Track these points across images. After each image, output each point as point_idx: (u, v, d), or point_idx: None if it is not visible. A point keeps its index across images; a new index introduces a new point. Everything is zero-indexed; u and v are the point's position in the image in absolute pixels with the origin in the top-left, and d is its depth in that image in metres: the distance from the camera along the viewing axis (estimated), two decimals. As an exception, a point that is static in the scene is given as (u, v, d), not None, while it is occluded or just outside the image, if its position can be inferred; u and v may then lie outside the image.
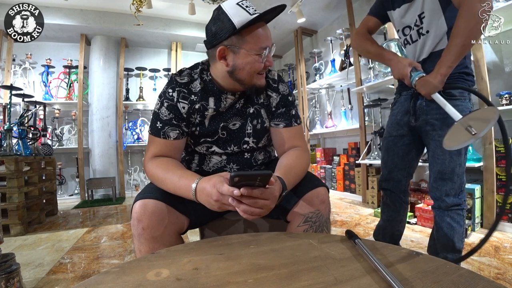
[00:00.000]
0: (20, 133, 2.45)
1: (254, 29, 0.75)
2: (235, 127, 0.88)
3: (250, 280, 0.45)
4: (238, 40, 0.75)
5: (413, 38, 1.10)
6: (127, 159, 4.08)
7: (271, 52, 0.79)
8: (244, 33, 0.74)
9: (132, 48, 4.22)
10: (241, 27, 0.72)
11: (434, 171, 1.07)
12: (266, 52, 0.77)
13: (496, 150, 1.86)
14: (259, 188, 0.61)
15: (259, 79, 0.82)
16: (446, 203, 1.05)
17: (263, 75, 0.83)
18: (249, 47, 0.75)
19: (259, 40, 0.76)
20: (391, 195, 1.24)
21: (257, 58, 0.77)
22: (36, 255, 1.72)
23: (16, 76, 3.54)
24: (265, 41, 0.77)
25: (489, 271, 1.31)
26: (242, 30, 0.73)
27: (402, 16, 1.12)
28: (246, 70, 0.78)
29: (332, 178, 3.47)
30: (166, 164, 0.79)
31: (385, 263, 0.50)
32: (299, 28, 3.85)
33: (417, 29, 1.08)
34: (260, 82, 0.83)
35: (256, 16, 0.72)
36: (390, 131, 1.24)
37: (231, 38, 0.75)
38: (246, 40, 0.75)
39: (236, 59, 0.77)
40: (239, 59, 0.77)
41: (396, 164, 1.21)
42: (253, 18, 0.72)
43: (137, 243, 0.72)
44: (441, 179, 1.05)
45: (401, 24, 1.14)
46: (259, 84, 0.83)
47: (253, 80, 0.80)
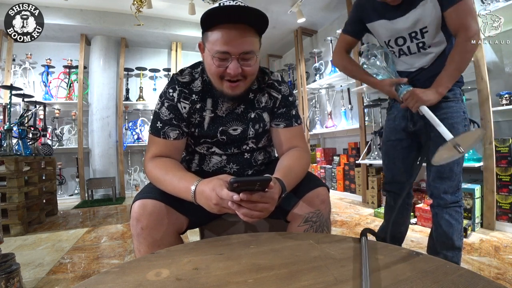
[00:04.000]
0: (20, 133, 2.45)
1: (217, 29, 0.70)
2: (236, 132, 0.87)
3: (250, 280, 0.45)
4: (205, 37, 0.74)
5: (412, 51, 1.09)
6: (127, 159, 4.08)
7: (233, 61, 0.70)
8: (210, 30, 0.72)
9: (132, 48, 4.22)
10: (202, 21, 0.70)
11: (433, 171, 1.08)
12: (228, 58, 0.70)
13: (496, 150, 1.86)
14: (258, 192, 0.61)
15: (227, 87, 0.75)
16: (445, 200, 1.06)
17: (234, 84, 0.75)
18: (209, 46, 0.73)
19: (216, 42, 0.70)
20: (395, 197, 1.25)
21: (213, 61, 0.72)
22: (36, 255, 1.72)
23: (16, 76, 3.54)
24: (222, 45, 0.69)
25: (489, 271, 1.31)
26: (210, 27, 0.71)
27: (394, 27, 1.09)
28: (208, 72, 0.77)
29: (332, 178, 3.47)
30: (166, 165, 0.78)
31: (385, 263, 0.50)
32: (299, 28, 3.85)
33: (416, 42, 1.07)
34: (227, 90, 0.76)
35: (214, 8, 0.66)
36: (388, 135, 1.25)
37: (205, 34, 0.74)
38: (207, 38, 0.73)
39: (204, 57, 0.77)
40: (204, 57, 0.76)
41: (398, 168, 1.22)
42: (210, 9, 0.66)
43: (136, 243, 0.72)
44: (440, 178, 1.06)
45: (393, 35, 1.11)
46: (226, 93, 0.76)
47: (221, 86, 0.76)
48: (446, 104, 1.06)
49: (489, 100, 1.86)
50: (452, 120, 1.04)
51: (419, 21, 1.03)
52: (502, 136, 1.91)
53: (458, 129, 1.04)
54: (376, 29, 1.15)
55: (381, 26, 1.12)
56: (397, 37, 1.10)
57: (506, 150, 1.83)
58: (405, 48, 1.10)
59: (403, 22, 1.05)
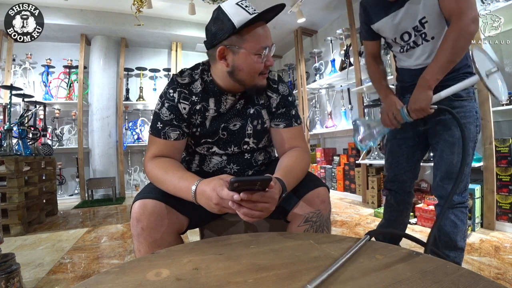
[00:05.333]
0: (20, 133, 2.45)
1: (253, 28, 0.75)
2: (235, 128, 0.88)
3: (250, 280, 0.45)
4: (238, 40, 0.75)
5: (418, 43, 1.07)
6: (127, 159, 4.08)
7: (271, 51, 0.79)
8: (244, 32, 0.74)
9: (132, 48, 4.22)
10: (240, 27, 0.72)
11: (442, 171, 1.07)
12: (266, 51, 0.77)
13: (496, 150, 1.86)
14: (258, 192, 0.61)
15: (260, 79, 0.81)
16: (452, 201, 1.05)
17: (265, 75, 0.82)
18: (249, 46, 0.75)
19: (259, 40, 0.75)
20: (395, 195, 1.24)
21: (257, 58, 0.76)
22: (36, 255, 1.72)
23: (16, 76, 3.54)
24: (265, 41, 0.76)
25: (489, 271, 1.31)
26: (242, 29, 0.73)
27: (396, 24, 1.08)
28: (246, 70, 0.77)
29: (332, 178, 3.47)
30: (166, 165, 0.78)
31: (385, 263, 0.50)
32: (299, 28, 3.85)
33: (419, 34, 1.05)
34: (262, 82, 0.82)
35: (256, 16, 0.72)
36: (394, 133, 1.23)
37: (231, 38, 0.75)
38: (245, 40, 0.75)
39: (236, 59, 0.77)
40: (239, 59, 0.76)
41: (402, 166, 1.21)
42: (253, 17, 0.72)
43: (136, 243, 0.72)
44: (449, 178, 1.05)
45: (397, 31, 1.10)
46: (260, 85, 0.82)
47: (254, 81, 0.80)
48: (460, 103, 1.03)
49: (489, 100, 1.86)
50: (464, 120, 1.02)
51: (418, 12, 1.01)
52: (502, 136, 1.91)
53: (470, 129, 1.03)
54: (381, 29, 1.15)
55: (384, 25, 1.12)
56: (402, 33, 1.09)
57: (506, 150, 1.83)
58: (412, 43, 1.09)
59: (402, 15, 1.04)
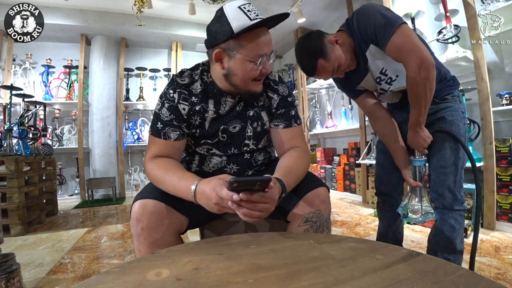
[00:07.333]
0: (20, 133, 2.45)
1: (252, 35, 0.73)
2: (235, 130, 0.87)
3: (250, 280, 0.45)
4: (235, 45, 0.73)
5: (386, 89, 1.10)
6: (127, 159, 4.08)
7: (270, 59, 0.77)
8: (242, 38, 0.73)
9: (132, 48, 4.22)
10: (238, 32, 0.71)
11: (436, 166, 1.07)
12: (263, 59, 0.75)
13: (496, 150, 1.86)
14: (258, 193, 0.61)
15: (254, 85, 0.80)
16: (449, 200, 1.04)
17: (259, 82, 0.81)
18: (245, 53, 0.74)
19: (256, 47, 0.74)
20: (389, 200, 1.23)
21: (252, 65, 0.75)
22: (36, 255, 1.72)
23: (16, 76, 3.54)
24: (263, 48, 0.74)
25: (489, 271, 1.31)
26: (240, 35, 0.72)
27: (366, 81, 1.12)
28: (240, 76, 0.76)
29: (332, 178, 3.47)
30: (166, 164, 0.78)
31: (385, 263, 0.50)
32: (299, 28, 3.85)
33: (385, 81, 1.08)
34: (256, 88, 0.81)
35: (255, 23, 0.70)
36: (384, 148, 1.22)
37: (228, 42, 0.73)
38: (242, 46, 0.73)
39: (231, 64, 0.76)
40: (234, 64, 0.75)
41: (393, 167, 1.19)
42: (252, 24, 0.70)
43: (136, 243, 0.72)
44: (443, 173, 1.05)
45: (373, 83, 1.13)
46: (254, 91, 0.81)
47: (247, 86, 0.79)
48: (445, 104, 1.06)
49: (489, 100, 1.86)
50: (451, 118, 1.04)
51: (377, 68, 1.05)
52: (502, 136, 1.91)
53: (458, 126, 1.04)
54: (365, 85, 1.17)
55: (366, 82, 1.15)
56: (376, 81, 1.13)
57: (506, 150, 1.82)
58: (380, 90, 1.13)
59: (369, 77, 1.10)
